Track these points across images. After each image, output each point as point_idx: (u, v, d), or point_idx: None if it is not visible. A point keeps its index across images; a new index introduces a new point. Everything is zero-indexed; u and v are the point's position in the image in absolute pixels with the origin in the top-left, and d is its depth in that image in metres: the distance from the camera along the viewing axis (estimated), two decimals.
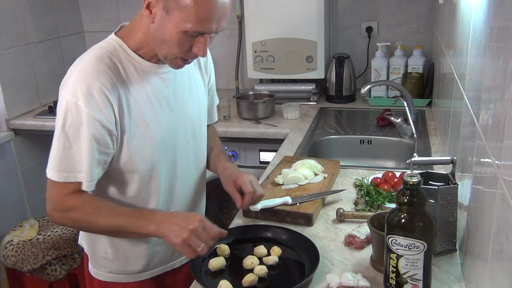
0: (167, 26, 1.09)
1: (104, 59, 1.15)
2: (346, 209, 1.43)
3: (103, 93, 1.12)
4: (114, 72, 1.15)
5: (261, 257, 1.23)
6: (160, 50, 1.15)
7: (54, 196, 1.18)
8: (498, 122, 0.81)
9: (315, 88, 2.66)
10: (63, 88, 1.15)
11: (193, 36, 1.11)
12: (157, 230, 1.15)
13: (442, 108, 1.92)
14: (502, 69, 0.81)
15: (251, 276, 1.14)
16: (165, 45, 1.13)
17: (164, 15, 1.08)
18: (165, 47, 1.13)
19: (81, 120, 1.11)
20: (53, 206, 1.18)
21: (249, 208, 1.41)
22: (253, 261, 1.20)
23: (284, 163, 1.76)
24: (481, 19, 1.07)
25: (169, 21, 1.08)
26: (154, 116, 1.22)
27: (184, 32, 1.08)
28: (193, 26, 1.07)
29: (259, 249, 1.26)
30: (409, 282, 1.03)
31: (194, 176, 1.43)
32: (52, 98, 2.92)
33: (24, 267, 2.21)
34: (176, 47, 1.12)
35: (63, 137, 1.13)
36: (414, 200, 1.01)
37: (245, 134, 2.33)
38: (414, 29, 2.73)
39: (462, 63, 1.33)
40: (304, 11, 2.50)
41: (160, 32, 1.11)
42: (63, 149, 1.13)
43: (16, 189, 2.72)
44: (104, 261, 1.36)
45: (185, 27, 1.07)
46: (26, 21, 2.76)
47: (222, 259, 1.23)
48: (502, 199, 0.76)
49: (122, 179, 1.25)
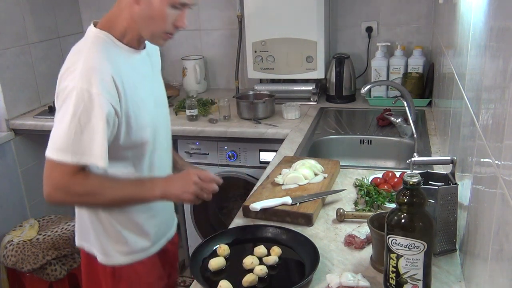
0: (154, 3, 1.22)
1: (102, 50, 1.24)
2: (346, 209, 1.43)
3: (112, 79, 1.21)
4: (111, 61, 1.24)
5: (261, 257, 1.23)
6: (147, 29, 1.27)
7: (57, 175, 1.22)
8: (498, 122, 0.81)
9: (315, 88, 2.66)
10: (67, 78, 1.21)
11: (178, 9, 1.24)
12: (163, 194, 1.29)
13: (442, 108, 1.92)
14: (502, 69, 0.81)
15: (251, 276, 1.14)
16: (153, 22, 1.25)
17: None
18: (153, 24, 1.25)
19: (93, 104, 1.17)
20: (55, 186, 1.23)
21: (249, 208, 1.41)
22: (253, 261, 1.20)
23: (284, 163, 1.76)
24: (481, 19, 1.07)
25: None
26: (144, 98, 1.32)
27: (171, 6, 1.22)
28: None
29: (259, 249, 1.26)
30: (409, 282, 1.03)
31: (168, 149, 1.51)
32: (52, 98, 2.91)
33: (24, 267, 2.21)
34: (164, 22, 1.25)
35: (76, 122, 1.18)
36: (414, 200, 1.01)
37: (245, 134, 2.33)
38: (414, 29, 2.73)
39: (462, 63, 1.33)
40: (304, 11, 2.50)
41: (147, 11, 1.23)
42: (75, 134, 1.18)
43: (16, 189, 2.72)
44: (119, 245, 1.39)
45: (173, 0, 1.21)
46: (26, 21, 2.76)
47: (222, 259, 1.23)
48: (502, 199, 0.76)
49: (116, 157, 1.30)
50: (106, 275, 1.42)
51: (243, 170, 2.42)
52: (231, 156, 2.41)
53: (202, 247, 1.28)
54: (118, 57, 1.27)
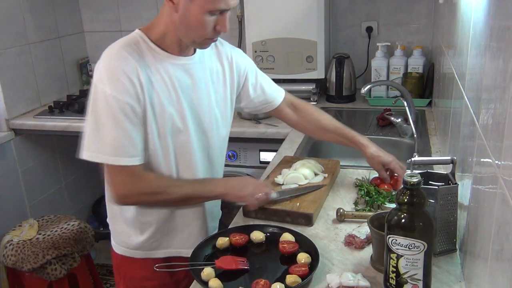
0: (192, 11, 1.20)
1: (126, 48, 1.25)
2: (346, 209, 1.43)
3: (127, 76, 1.21)
4: (136, 59, 1.24)
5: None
6: (188, 36, 1.27)
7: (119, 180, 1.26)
8: (498, 122, 0.81)
9: (315, 88, 2.66)
10: (94, 75, 1.25)
11: (215, 15, 1.23)
12: (225, 191, 1.37)
13: (442, 108, 1.92)
14: (502, 69, 0.81)
15: None
16: (192, 30, 1.24)
17: (188, 2, 1.20)
18: (192, 32, 1.25)
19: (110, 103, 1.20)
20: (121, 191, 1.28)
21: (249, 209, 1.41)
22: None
23: (284, 163, 1.76)
24: (481, 19, 1.07)
25: (194, 6, 1.20)
26: (169, 103, 1.30)
27: (208, 13, 1.21)
28: (216, 5, 1.20)
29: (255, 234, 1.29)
30: (409, 282, 1.03)
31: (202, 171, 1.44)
32: (52, 98, 2.93)
33: (24, 266, 2.21)
34: (203, 29, 1.24)
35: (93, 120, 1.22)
36: (414, 200, 1.01)
37: (245, 134, 2.33)
38: (414, 29, 2.73)
39: (462, 63, 1.33)
40: (304, 11, 2.50)
41: (185, 18, 1.22)
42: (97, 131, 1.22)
43: (16, 189, 2.71)
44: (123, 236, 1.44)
45: (209, 7, 1.20)
46: (26, 21, 2.76)
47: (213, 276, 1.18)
48: (502, 199, 0.76)
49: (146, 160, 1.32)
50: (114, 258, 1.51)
51: (243, 170, 2.42)
52: (231, 156, 2.41)
53: (202, 247, 1.28)
54: (146, 56, 1.27)
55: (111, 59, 1.24)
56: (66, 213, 2.71)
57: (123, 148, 1.22)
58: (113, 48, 1.26)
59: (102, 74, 1.22)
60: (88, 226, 2.47)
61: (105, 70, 1.22)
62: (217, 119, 1.44)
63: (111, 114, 1.21)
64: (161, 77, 1.28)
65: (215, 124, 1.44)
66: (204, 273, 1.16)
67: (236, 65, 1.49)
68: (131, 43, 1.27)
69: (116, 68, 1.21)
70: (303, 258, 1.20)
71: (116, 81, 1.20)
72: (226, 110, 1.48)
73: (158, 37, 1.29)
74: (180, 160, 1.36)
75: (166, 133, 1.31)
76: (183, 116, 1.33)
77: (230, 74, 1.47)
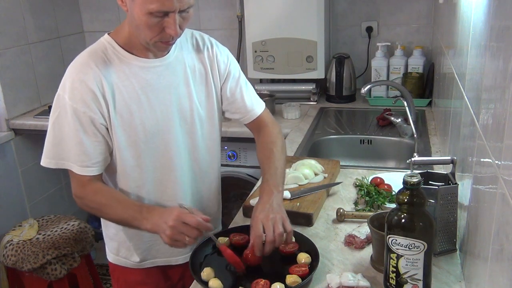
0: (135, 11, 1.14)
1: (92, 56, 1.24)
2: (346, 209, 1.43)
3: (87, 86, 1.21)
4: (100, 67, 1.23)
5: None
6: (139, 37, 1.21)
7: (73, 183, 1.29)
8: (498, 122, 0.81)
9: (315, 88, 2.66)
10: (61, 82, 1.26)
11: (160, 17, 1.14)
12: (151, 229, 1.21)
13: (442, 108, 1.92)
14: (502, 69, 0.81)
15: None
16: (139, 30, 1.18)
17: (130, 3, 1.14)
18: (140, 32, 1.19)
19: (66, 111, 1.22)
20: (73, 192, 1.30)
21: (249, 208, 1.41)
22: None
23: None
24: (481, 18, 1.07)
25: (135, 5, 1.13)
26: (139, 108, 1.27)
27: (149, 14, 1.12)
28: (155, 7, 1.11)
29: None
30: (409, 282, 1.03)
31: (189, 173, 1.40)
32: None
33: (24, 266, 2.21)
34: (147, 30, 1.16)
35: (52, 127, 1.25)
36: (414, 200, 1.01)
37: (245, 134, 2.32)
38: (414, 29, 2.73)
39: (462, 63, 1.33)
40: (304, 11, 2.50)
41: (132, 18, 1.17)
42: (53, 138, 1.26)
43: (16, 189, 2.71)
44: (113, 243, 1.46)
45: (149, 8, 1.11)
46: (26, 21, 2.76)
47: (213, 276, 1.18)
48: (502, 199, 0.76)
49: (116, 170, 1.32)
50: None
51: (243, 170, 2.42)
52: (231, 156, 2.41)
53: (201, 247, 1.28)
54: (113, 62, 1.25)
55: (75, 68, 1.23)
56: (66, 213, 2.71)
57: (75, 156, 1.24)
58: (80, 56, 1.25)
59: (64, 82, 1.23)
60: (88, 226, 2.47)
61: (67, 78, 1.23)
62: (202, 119, 1.38)
63: (68, 122, 1.22)
64: (130, 82, 1.25)
65: (199, 125, 1.38)
66: (204, 273, 1.16)
67: (217, 63, 1.40)
68: (98, 51, 1.25)
69: (76, 77, 1.21)
70: (303, 258, 1.20)
71: (74, 90, 1.20)
72: (213, 109, 1.41)
73: (125, 41, 1.26)
74: (159, 164, 1.33)
75: (138, 139, 1.28)
76: (158, 119, 1.29)
77: (212, 73, 1.39)
